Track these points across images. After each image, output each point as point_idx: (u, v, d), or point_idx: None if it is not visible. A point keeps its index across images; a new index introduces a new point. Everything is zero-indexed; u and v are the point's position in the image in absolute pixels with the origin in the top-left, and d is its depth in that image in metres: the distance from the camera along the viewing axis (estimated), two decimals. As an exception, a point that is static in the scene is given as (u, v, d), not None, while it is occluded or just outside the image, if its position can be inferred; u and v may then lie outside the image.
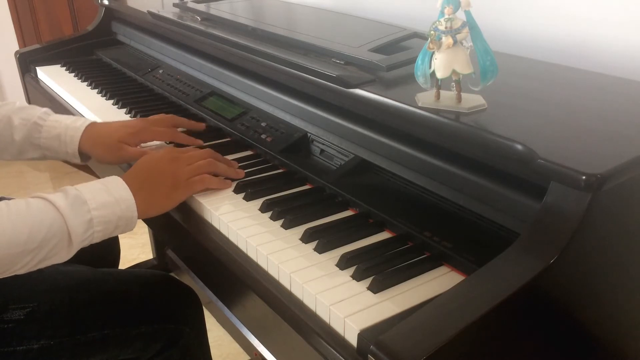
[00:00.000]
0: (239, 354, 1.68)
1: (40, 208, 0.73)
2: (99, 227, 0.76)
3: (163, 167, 0.84)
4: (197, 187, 0.84)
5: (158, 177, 0.83)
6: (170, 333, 0.95)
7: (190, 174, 0.84)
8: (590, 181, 0.55)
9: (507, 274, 0.55)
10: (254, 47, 1.04)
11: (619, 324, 0.71)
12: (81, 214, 0.74)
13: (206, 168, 0.86)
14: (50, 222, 0.72)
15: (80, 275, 0.96)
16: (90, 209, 0.75)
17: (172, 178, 0.83)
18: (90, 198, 0.76)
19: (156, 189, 0.82)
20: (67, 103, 1.33)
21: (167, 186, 0.83)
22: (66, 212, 0.73)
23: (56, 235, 0.73)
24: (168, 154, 0.87)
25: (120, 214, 0.78)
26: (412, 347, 0.50)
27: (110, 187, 0.79)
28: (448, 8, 0.66)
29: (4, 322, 0.84)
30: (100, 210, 0.76)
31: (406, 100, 0.74)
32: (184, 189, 0.84)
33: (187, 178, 0.84)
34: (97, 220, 0.76)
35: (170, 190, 0.83)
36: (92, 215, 0.75)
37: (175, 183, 0.83)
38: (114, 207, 0.77)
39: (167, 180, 0.83)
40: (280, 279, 0.69)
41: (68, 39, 1.63)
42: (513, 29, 1.09)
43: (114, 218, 0.77)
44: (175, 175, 0.83)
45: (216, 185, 0.86)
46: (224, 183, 0.87)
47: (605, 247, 0.61)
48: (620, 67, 0.94)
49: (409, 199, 0.79)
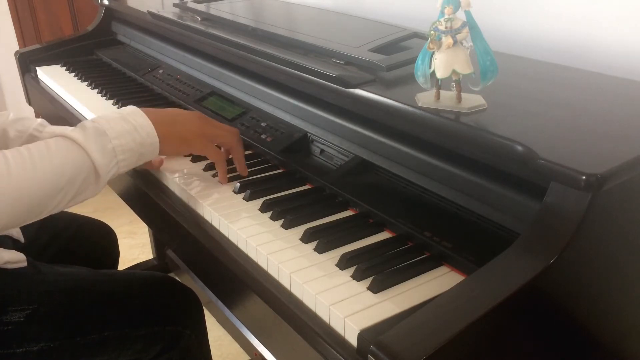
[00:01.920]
0: (239, 354, 1.68)
1: (61, 146, 0.74)
2: (123, 156, 0.77)
3: (191, 116, 0.87)
4: (211, 152, 0.87)
5: (182, 119, 0.86)
6: (170, 334, 0.95)
7: (213, 136, 0.87)
8: (590, 181, 0.55)
9: (507, 274, 0.55)
10: (254, 47, 1.04)
11: (618, 324, 0.71)
12: (102, 145, 0.75)
13: (229, 143, 0.89)
14: (74, 158, 0.73)
15: (80, 276, 0.96)
16: (110, 138, 0.76)
17: (196, 128, 0.86)
18: (108, 128, 0.77)
19: (176, 127, 0.84)
20: (67, 103, 1.33)
21: (187, 130, 0.85)
22: (87, 145, 0.74)
23: (82, 169, 0.74)
24: (200, 113, 0.90)
25: (140, 140, 0.79)
26: (412, 347, 0.50)
27: (127, 116, 0.80)
28: (448, 8, 0.66)
29: (4, 324, 0.84)
30: (121, 139, 0.77)
31: (406, 100, 0.74)
32: (202, 143, 0.86)
33: (209, 137, 0.87)
34: (119, 149, 0.77)
35: (189, 135, 0.85)
36: (114, 144, 0.76)
37: (196, 133, 0.85)
38: (134, 135, 0.78)
39: (190, 126, 0.85)
40: (280, 279, 0.69)
41: (68, 39, 1.63)
42: (513, 29, 1.09)
43: (135, 145, 0.79)
44: (199, 127, 0.86)
45: (222, 171, 0.88)
46: (224, 177, 0.88)
47: (605, 247, 0.61)
48: (620, 67, 0.94)
49: (409, 199, 0.78)
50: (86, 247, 1.18)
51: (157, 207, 0.91)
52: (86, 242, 1.19)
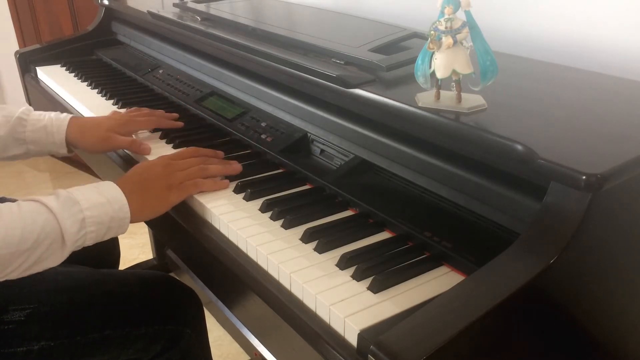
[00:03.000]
0: (239, 354, 1.68)
1: (33, 209, 0.73)
2: (92, 228, 0.76)
3: (156, 170, 0.85)
4: (190, 190, 0.85)
5: (151, 181, 0.84)
6: (170, 334, 0.95)
7: (183, 178, 0.85)
8: (590, 181, 0.55)
9: (507, 274, 0.55)
10: (254, 47, 1.04)
11: (619, 324, 0.71)
12: (73, 214, 0.75)
13: (199, 174, 0.87)
14: (43, 223, 0.72)
15: (81, 276, 0.96)
16: (82, 209, 0.75)
17: (165, 181, 0.84)
18: (82, 199, 0.76)
19: (149, 192, 0.83)
20: (67, 103, 1.33)
21: (160, 189, 0.83)
22: (58, 212, 0.73)
23: (49, 235, 0.73)
24: (161, 160, 0.89)
25: (112, 214, 0.78)
26: (412, 347, 0.50)
27: (102, 189, 0.79)
28: (448, 8, 0.66)
29: (4, 323, 0.84)
30: (92, 211, 0.76)
31: (406, 100, 0.74)
32: (177, 192, 0.84)
33: (180, 182, 0.85)
34: (89, 220, 0.76)
35: (163, 193, 0.83)
36: (85, 215, 0.75)
37: (168, 186, 0.84)
38: (106, 207, 0.77)
39: (160, 183, 0.84)
40: (280, 279, 0.69)
41: (68, 39, 1.63)
42: (513, 29, 1.09)
43: (106, 219, 0.77)
44: (168, 179, 0.84)
45: (211, 187, 0.86)
46: (218, 184, 0.87)
47: (605, 247, 0.61)
48: (620, 67, 0.94)
49: (409, 199, 0.79)
50: (86, 247, 1.18)
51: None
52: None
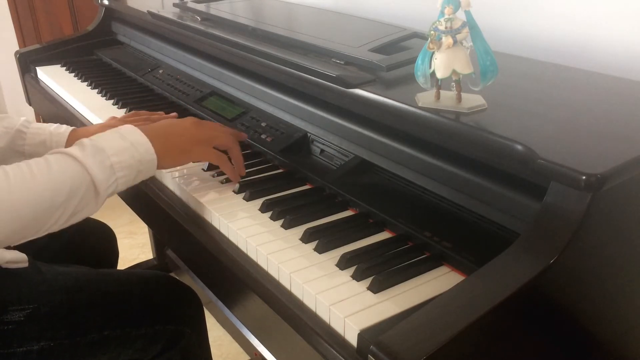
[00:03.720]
0: (239, 354, 1.68)
1: (61, 162, 0.74)
2: (121, 173, 0.77)
3: (185, 124, 0.87)
4: (212, 157, 0.87)
5: (178, 130, 0.86)
6: (170, 334, 0.95)
7: (210, 140, 0.87)
8: (590, 181, 0.55)
9: (507, 274, 0.55)
10: (254, 47, 1.04)
11: (618, 324, 0.71)
12: (101, 161, 0.76)
13: (226, 144, 0.89)
14: (73, 174, 0.73)
15: (80, 276, 0.96)
16: (108, 155, 0.76)
17: (192, 136, 0.86)
18: (106, 146, 0.77)
19: (173, 139, 0.84)
20: (67, 103, 1.33)
21: (184, 141, 0.85)
22: (86, 161, 0.74)
23: (81, 186, 0.74)
24: (193, 118, 0.90)
25: (139, 157, 0.79)
26: (412, 347, 0.50)
27: (124, 133, 0.80)
28: (448, 8, 0.66)
29: (4, 324, 0.84)
30: (119, 156, 0.77)
31: (406, 100, 0.74)
32: (201, 150, 0.86)
33: (207, 142, 0.86)
34: (117, 165, 0.77)
35: (187, 145, 0.85)
36: (112, 161, 0.76)
37: (193, 141, 0.85)
38: (132, 151, 0.79)
39: (186, 135, 0.86)
40: (280, 279, 0.69)
41: (68, 39, 1.63)
42: (513, 29, 1.09)
43: (134, 162, 0.79)
44: (195, 135, 0.86)
45: (229, 171, 0.88)
46: (234, 174, 0.88)
47: (605, 247, 0.61)
48: (620, 67, 0.94)
49: (409, 199, 0.79)
50: (86, 248, 1.18)
51: (157, 207, 0.91)
52: (85, 242, 1.19)
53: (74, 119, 1.25)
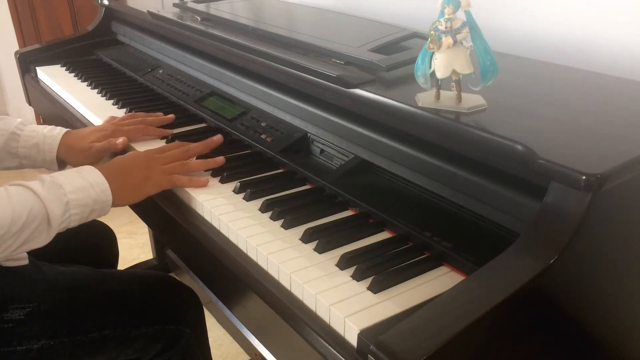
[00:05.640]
0: (239, 354, 1.68)
1: (20, 193, 0.77)
2: (76, 210, 0.80)
3: (137, 162, 0.90)
4: (165, 184, 0.89)
5: (131, 169, 0.88)
6: (170, 333, 0.95)
7: (162, 172, 0.89)
8: (590, 181, 0.55)
9: (507, 274, 0.55)
10: (254, 47, 1.04)
11: (618, 324, 0.71)
12: (58, 197, 0.79)
13: (178, 169, 0.90)
14: (30, 206, 0.76)
15: (81, 275, 0.96)
16: (66, 192, 0.79)
17: (145, 172, 0.88)
18: (65, 182, 0.80)
19: (127, 179, 0.87)
20: (67, 103, 1.33)
21: (138, 178, 0.88)
22: (44, 195, 0.77)
23: (36, 218, 0.77)
24: (145, 152, 0.93)
25: (95, 197, 0.82)
26: (412, 347, 0.50)
27: (85, 174, 0.83)
28: (448, 8, 0.66)
29: (4, 322, 0.84)
30: (76, 194, 0.80)
31: (406, 100, 0.74)
32: (153, 184, 0.88)
33: (159, 175, 0.89)
34: (73, 203, 0.80)
35: (140, 183, 0.87)
36: (69, 198, 0.79)
37: (146, 177, 0.88)
38: (89, 191, 0.82)
39: (139, 173, 0.88)
40: (280, 279, 0.69)
41: (68, 39, 1.63)
42: (513, 29, 1.09)
43: (89, 201, 0.81)
44: (147, 170, 0.89)
45: (186, 184, 0.88)
46: (194, 181, 0.88)
47: (605, 247, 0.61)
48: (620, 67, 0.94)
49: (409, 199, 0.79)
50: (86, 247, 1.19)
51: (156, 207, 0.91)
52: (85, 242, 1.19)
53: (74, 119, 1.25)
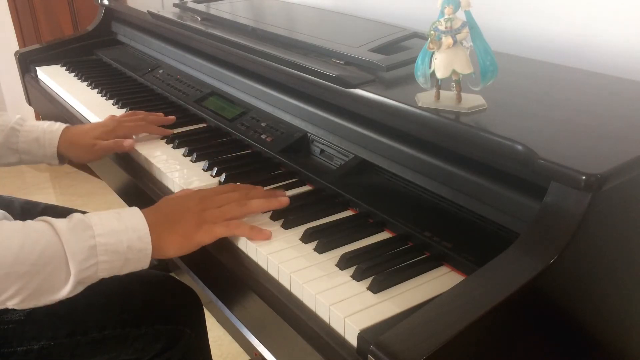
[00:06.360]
0: (239, 354, 1.68)
1: (37, 228, 0.66)
2: (104, 257, 0.68)
3: (189, 204, 0.77)
4: (219, 232, 0.75)
5: (181, 214, 0.75)
6: (170, 333, 0.95)
7: (217, 217, 0.76)
8: (590, 181, 0.55)
9: (507, 274, 0.55)
10: (254, 47, 1.04)
11: (618, 324, 0.71)
12: (83, 239, 0.66)
13: (237, 211, 0.77)
14: (45, 245, 0.64)
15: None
16: (95, 234, 0.67)
17: (197, 217, 0.75)
18: (96, 223, 0.68)
19: (176, 226, 0.74)
20: (67, 103, 1.33)
21: (189, 225, 0.74)
22: (64, 234, 0.65)
23: (51, 261, 0.64)
24: (197, 192, 0.80)
25: (129, 243, 0.69)
26: (412, 347, 0.50)
27: (123, 215, 0.71)
28: (448, 8, 0.66)
29: (4, 323, 0.84)
30: (107, 237, 0.67)
31: (406, 100, 0.74)
32: (207, 232, 0.74)
33: (213, 221, 0.75)
34: (101, 248, 0.67)
35: (192, 231, 0.74)
36: (97, 241, 0.67)
37: (199, 223, 0.74)
38: (123, 236, 0.69)
39: (190, 218, 0.75)
40: (280, 279, 0.69)
41: (68, 39, 1.63)
42: (513, 29, 1.09)
43: (122, 248, 0.69)
44: (200, 215, 0.75)
45: (246, 233, 0.75)
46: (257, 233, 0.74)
47: (605, 247, 0.61)
48: (620, 67, 0.94)
49: (409, 199, 0.79)
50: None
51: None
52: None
53: (74, 119, 1.25)
